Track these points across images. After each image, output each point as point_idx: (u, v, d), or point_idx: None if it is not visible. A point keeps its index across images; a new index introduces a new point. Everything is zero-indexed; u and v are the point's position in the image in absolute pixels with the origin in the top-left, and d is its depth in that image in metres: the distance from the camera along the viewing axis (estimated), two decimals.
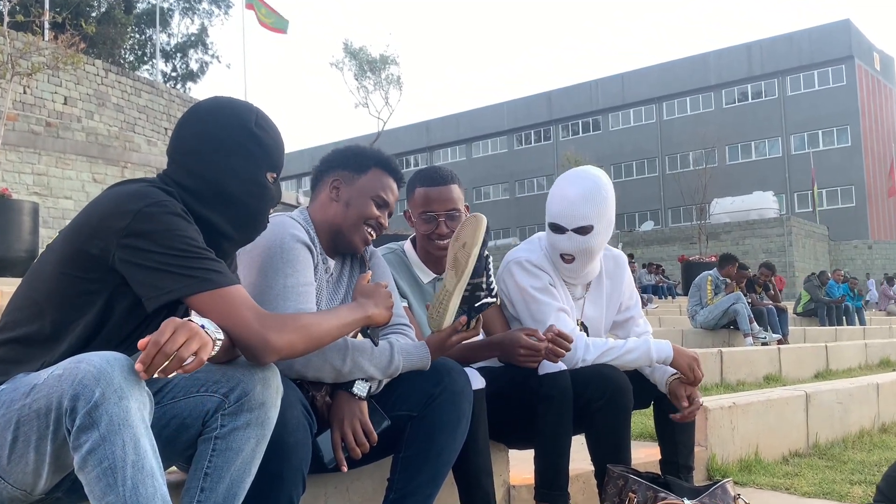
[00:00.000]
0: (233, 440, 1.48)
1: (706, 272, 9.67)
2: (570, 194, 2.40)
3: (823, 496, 2.98)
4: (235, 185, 1.63)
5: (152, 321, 1.52)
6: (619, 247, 19.92)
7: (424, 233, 2.33)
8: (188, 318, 1.33)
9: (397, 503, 1.87)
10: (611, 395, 2.27)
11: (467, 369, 2.07)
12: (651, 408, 2.59)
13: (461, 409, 1.91)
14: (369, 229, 2.00)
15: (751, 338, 8.96)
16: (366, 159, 2.03)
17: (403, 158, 52.63)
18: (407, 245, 2.44)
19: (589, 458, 2.39)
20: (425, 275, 2.39)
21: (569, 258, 2.44)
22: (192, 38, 31.96)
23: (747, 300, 9.37)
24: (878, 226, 41.14)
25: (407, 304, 2.28)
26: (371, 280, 1.90)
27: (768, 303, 10.53)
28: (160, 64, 28.57)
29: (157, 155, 14.68)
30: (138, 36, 30.00)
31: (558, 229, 2.42)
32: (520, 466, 2.55)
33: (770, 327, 9.72)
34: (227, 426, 1.49)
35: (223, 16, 33.18)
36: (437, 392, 1.89)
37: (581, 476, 2.64)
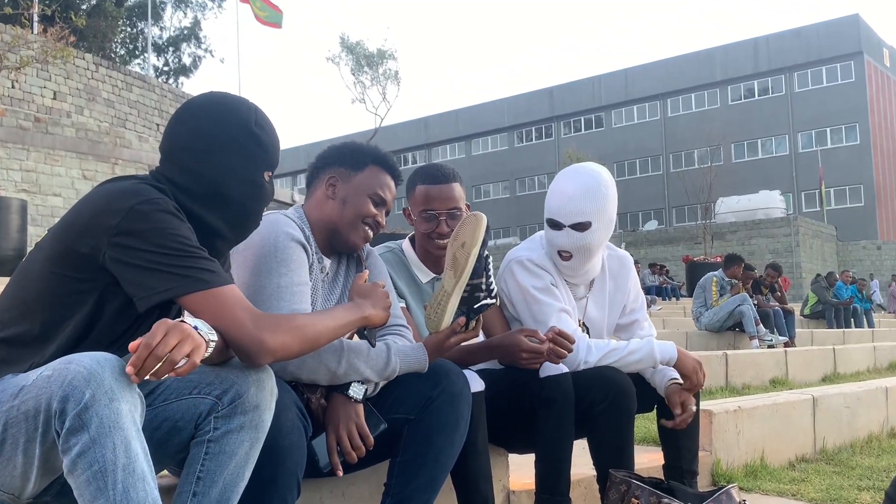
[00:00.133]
0: (226, 443, 1.48)
1: (711, 273, 9.68)
2: (569, 190, 2.40)
3: (831, 502, 2.98)
4: (233, 186, 1.62)
5: (144, 321, 1.52)
6: (623, 247, 19.92)
7: (424, 232, 2.33)
8: (181, 319, 1.33)
9: None
10: (613, 398, 2.27)
11: (466, 371, 2.06)
12: (654, 411, 2.59)
13: (460, 412, 1.91)
14: (366, 228, 2.00)
15: (757, 340, 8.97)
16: (363, 156, 2.03)
17: (401, 155, 52.60)
18: (405, 244, 2.44)
19: (591, 463, 2.39)
20: (424, 274, 2.39)
21: (566, 255, 2.44)
22: (185, 32, 31.93)
23: (753, 302, 9.38)
24: (888, 226, 41.15)
25: (405, 304, 2.28)
26: (368, 280, 1.90)
27: (775, 304, 10.55)
28: (152, 58, 28.51)
29: (149, 151, 14.67)
30: (129, 29, 29.97)
31: (555, 225, 2.42)
32: (520, 471, 2.55)
33: (776, 329, 9.73)
34: (221, 429, 1.49)
35: (217, 9, 33.31)
36: (434, 395, 1.89)
37: (583, 481, 2.64)
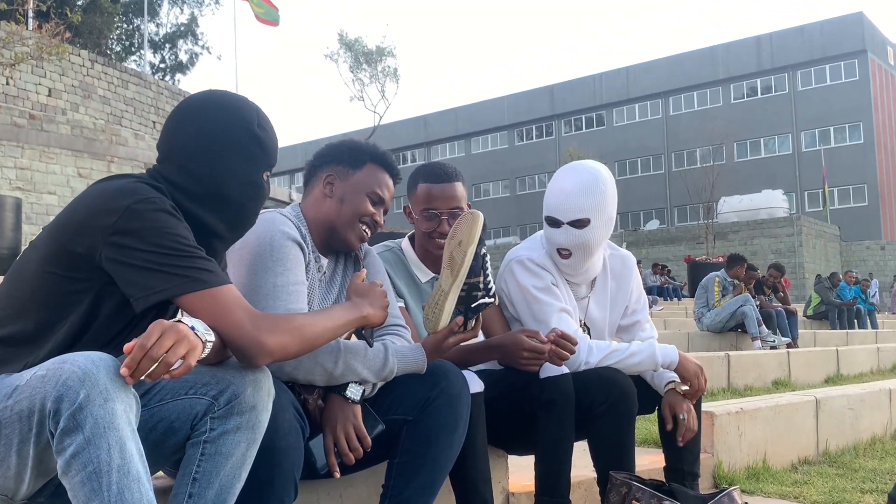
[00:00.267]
0: (222, 444, 1.48)
1: (713, 273, 9.68)
2: (567, 186, 2.40)
3: None
4: (233, 187, 1.62)
5: (140, 322, 1.52)
6: (624, 246, 19.89)
7: (425, 231, 2.33)
8: (177, 320, 1.33)
9: None
10: (614, 400, 2.27)
11: (465, 372, 2.06)
12: (655, 413, 2.59)
13: (458, 413, 1.91)
14: (364, 226, 2.00)
15: (759, 341, 8.97)
16: (361, 154, 2.03)
17: (400, 154, 52.58)
18: (405, 243, 2.44)
19: (591, 465, 2.39)
20: (423, 274, 2.39)
21: (565, 253, 2.44)
22: (182, 29, 31.91)
23: (756, 302, 9.39)
24: (892, 226, 41.16)
25: (404, 304, 2.28)
26: (366, 279, 1.90)
27: (777, 305, 10.54)
28: (148, 55, 28.53)
29: (145, 149, 14.67)
30: (126, 25, 29.95)
31: (554, 223, 2.42)
32: (519, 473, 2.55)
33: (779, 330, 9.73)
34: (217, 430, 1.48)
35: (214, 5, 33.24)
36: (433, 395, 1.89)
37: (583, 483, 2.64)
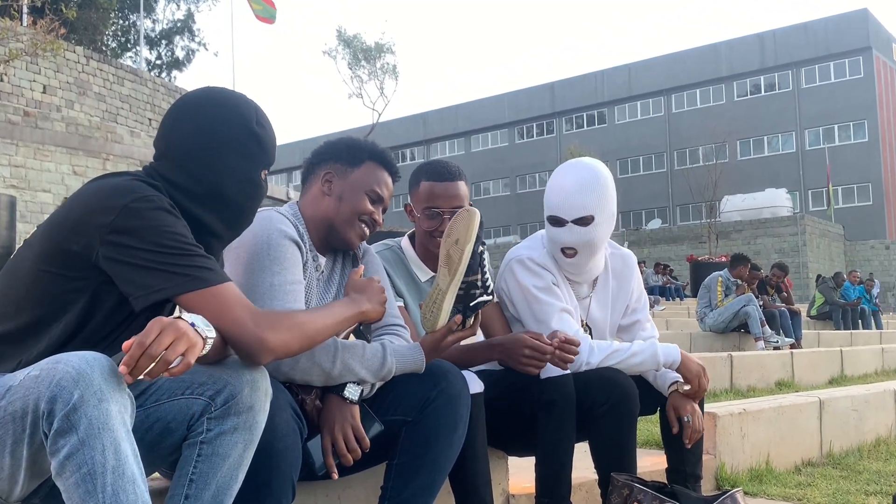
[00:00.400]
0: (219, 445, 1.48)
1: (716, 273, 9.68)
2: (568, 184, 2.40)
3: None
4: (231, 185, 1.62)
5: (135, 321, 1.52)
6: (625, 245, 19.94)
7: (427, 229, 2.32)
8: (177, 316, 1.32)
9: None
10: (616, 401, 2.26)
11: (465, 373, 2.06)
12: (657, 414, 2.59)
13: (458, 413, 1.90)
14: (363, 225, 1.99)
15: (762, 341, 8.97)
16: (360, 152, 2.02)
17: (399, 152, 52.60)
18: (404, 242, 2.44)
19: (592, 466, 2.39)
20: (423, 273, 2.38)
21: (570, 252, 2.43)
22: (178, 25, 31.89)
23: (759, 302, 9.39)
24: None
25: (403, 303, 2.28)
26: (364, 276, 1.90)
27: (781, 305, 10.55)
28: (144, 51, 28.51)
29: (141, 147, 14.66)
30: (121, 22, 29.92)
31: (557, 222, 2.42)
32: (520, 474, 2.55)
33: (782, 331, 9.74)
34: (214, 430, 1.48)
35: (211, 1, 33.24)
36: (433, 396, 1.89)
37: (584, 485, 2.65)
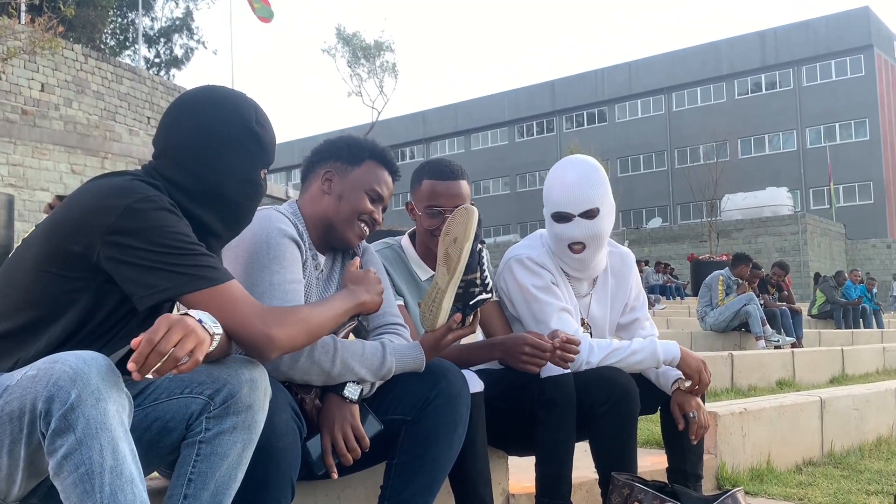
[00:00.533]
0: (218, 444, 1.48)
1: (717, 272, 9.69)
2: (570, 179, 2.40)
3: None
4: (230, 184, 1.63)
5: (133, 320, 1.52)
6: (626, 244, 20.00)
7: (428, 228, 2.32)
8: (184, 313, 1.33)
9: None
10: (616, 400, 2.26)
11: (465, 372, 2.06)
12: (658, 413, 2.59)
13: (458, 413, 1.90)
14: (363, 224, 1.99)
15: (763, 341, 8.98)
16: (360, 151, 2.02)
17: (399, 150, 52.59)
18: (404, 240, 2.43)
19: (592, 466, 2.39)
20: (423, 272, 2.38)
21: (578, 248, 2.43)
22: (177, 23, 31.88)
23: (760, 301, 9.39)
24: None
25: (403, 302, 2.28)
26: (360, 267, 1.91)
27: (782, 304, 10.55)
28: (143, 49, 28.51)
29: (140, 145, 14.65)
30: (120, 20, 29.90)
31: (563, 217, 2.41)
32: (520, 474, 2.55)
33: (783, 330, 9.74)
34: (213, 430, 1.48)
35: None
36: (432, 395, 1.89)
37: (584, 484, 2.65)
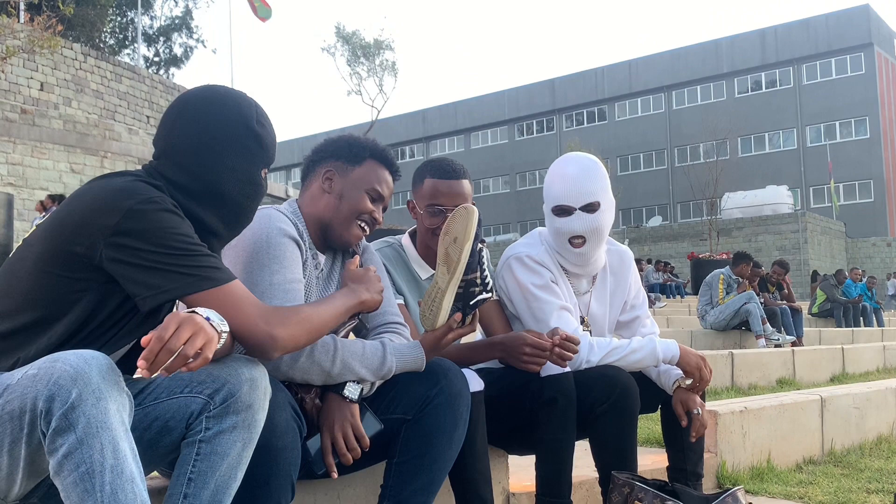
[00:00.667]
0: (218, 444, 1.48)
1: (718, 270, 9.70)
2: (571, 173, 2.41)
3: None
4: (231, 184, 1.63)
5: (132, 320, 1.52)
6: (626, 243, 20.01)
7: (429, 226, 2.32)
8: (192, 311, 1.33)
9: None
10: (616, 399, 2.26)
11: (465, 371, 2.06)
12: (658, 412, 2.59)
13: (458, 412, 1.90)
14: (362, 224, 1.99)
15: (763, 339, 8.97)
16: (361, 150, 2.02)
17: (398, 149, 52.61)
18: (405, 239, 2.43)
19: (593, 465, 2.39)
20: (424, 270, 2.38)
21: (579, 242, 2.43)
22: (177, 22, 31.89)
23: (760, 300, 9.39)
24: None
25: (403, 301, 2.28)
26: (359, 265, 1.91)
27: (782, 303, 10.55)
28: (142, 48, 28.50)
29: (139, 144, 14.66)
30: (119, 18, 29.92)
31: (564, 211, 2.41)
32: (520, 473, 2.55)
33: (784, 328, 9.73)
34: (213, 429, 1.48)
35: None
36: (433, 394, 1.89)
37: (584, 483, 2.65)
